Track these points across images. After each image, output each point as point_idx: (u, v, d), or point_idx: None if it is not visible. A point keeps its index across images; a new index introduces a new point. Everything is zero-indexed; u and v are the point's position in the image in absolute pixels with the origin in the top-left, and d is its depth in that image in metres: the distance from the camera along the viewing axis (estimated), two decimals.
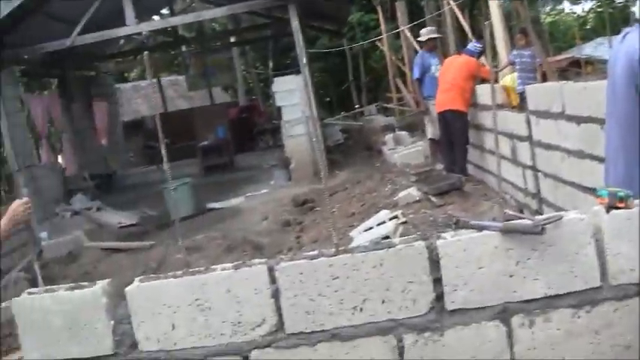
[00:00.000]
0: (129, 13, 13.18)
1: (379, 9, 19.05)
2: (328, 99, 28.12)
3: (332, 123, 20.95)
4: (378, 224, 7.78)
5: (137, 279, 2.64)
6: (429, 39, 11.24)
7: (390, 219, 7.84)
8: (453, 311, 2.40)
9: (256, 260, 2.53)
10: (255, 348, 2.48)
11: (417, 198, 8.74)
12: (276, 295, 2.45)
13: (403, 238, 2.46)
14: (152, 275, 2.65)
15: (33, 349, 2.64)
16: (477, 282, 2.37)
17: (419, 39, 11.31)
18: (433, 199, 8.64)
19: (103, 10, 13.38)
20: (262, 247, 9.14)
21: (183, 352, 2.52)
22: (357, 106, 24.71)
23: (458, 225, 2.43)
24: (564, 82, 6.14)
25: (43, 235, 10.73)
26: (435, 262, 2.38)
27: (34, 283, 7.45)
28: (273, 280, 2.44)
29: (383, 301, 2.40)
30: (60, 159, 17.62)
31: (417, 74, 11.22)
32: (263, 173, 15.59)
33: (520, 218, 2.41)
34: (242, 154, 18.64)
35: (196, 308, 2.49)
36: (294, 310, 2.44)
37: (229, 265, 2.54)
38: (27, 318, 2.64)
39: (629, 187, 2.53)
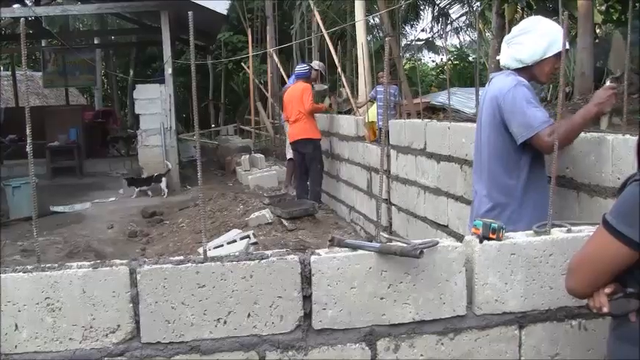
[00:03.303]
0: None
1: (249, 31, 19.05)
2: (184, 115, 27.74)
3: (187, 139, 20.62)
4: (229, 242, 7.66)
5: None
6: (313, 69, 11.29)
7: (242, 238, 7.75)
8: (320, 330, 2.33)
9: (117, 261, 2.35)
10: (106, 356, 2.28)
11: (270, 220, 8.72)
12: (135, 299, 2.27)
13: (275, 251, 2.37)
14: None
15: None
16: (348, 302, 2.32)
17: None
18: (285, 222, 8.65)
19: None
20: (105, 255, 8.76)
21: (24, 357, 2.28)
22: (213, 125, 24.51)
23: (333, 242, 2.37)
24: (428, 120, 6.30)
25: None
26: (306, 278, 2.30)
27: None
28: (134, 283, 2.27)
29: (249, 315, 2.29)
30: None
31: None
32: (112, 181, 15.02)
33: (395, 241, 2.38)
34: (93, 160, 17.89)
35: (45, 308, 2.27)
36: (152, 318, 2.28)
37: (87, 263, 2.35)
38: None
39: None
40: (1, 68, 32.07)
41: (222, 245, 7.53)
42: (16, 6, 17.30)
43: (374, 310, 2.34)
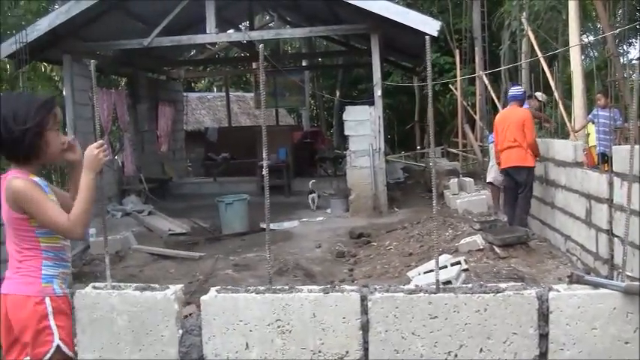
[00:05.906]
0: (210, 21, 13.19)
1: (457, 52, 18.90)
2: (390, 136, 28.02)
3: (394, 160, 20.75)
4: (440, 268, 7.55)
5: (214, 288, 2.48)
6: (530, 96, 10.92)
7: (452, 264, 7.61)
8: None
9: (347, 286, 2.36)
10: None
11: (481, 247, 8.50)
12: (365, 327, 2.27)
13: (510, 284, 2.27)
14: (230, 287, 2.49)
15: (89, 348, 2.49)
16: (587, 344, 2.17)
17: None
18: (497, 250, 8.39)
19: (183, 15, 13.46)
20: (314, 274, 8.96)
21: None
22: (418, 147, 24.51)
23: (572, 278, 2.23)
24: None
25: (92, 230, 10.56)
26: (543, 315, 2.18)
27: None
28: (364, 310, 2.27)
29: (481, 350, 2.21)
30: (117, 158, 17.53)
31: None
32: (320, 200, 15.42)
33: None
34: (301, 179, 18.41)
35: (275, 330, 2.33)
36: (382, 347, 2.26)
37: (317, 287, 2.38)
38: (89, 313, 2.50)
39: None
40: (215, 89, 34.12)
41: (432, 270, 7.44)
42: (230, 31, 18.37)
43: (616, 354, 2.17)
